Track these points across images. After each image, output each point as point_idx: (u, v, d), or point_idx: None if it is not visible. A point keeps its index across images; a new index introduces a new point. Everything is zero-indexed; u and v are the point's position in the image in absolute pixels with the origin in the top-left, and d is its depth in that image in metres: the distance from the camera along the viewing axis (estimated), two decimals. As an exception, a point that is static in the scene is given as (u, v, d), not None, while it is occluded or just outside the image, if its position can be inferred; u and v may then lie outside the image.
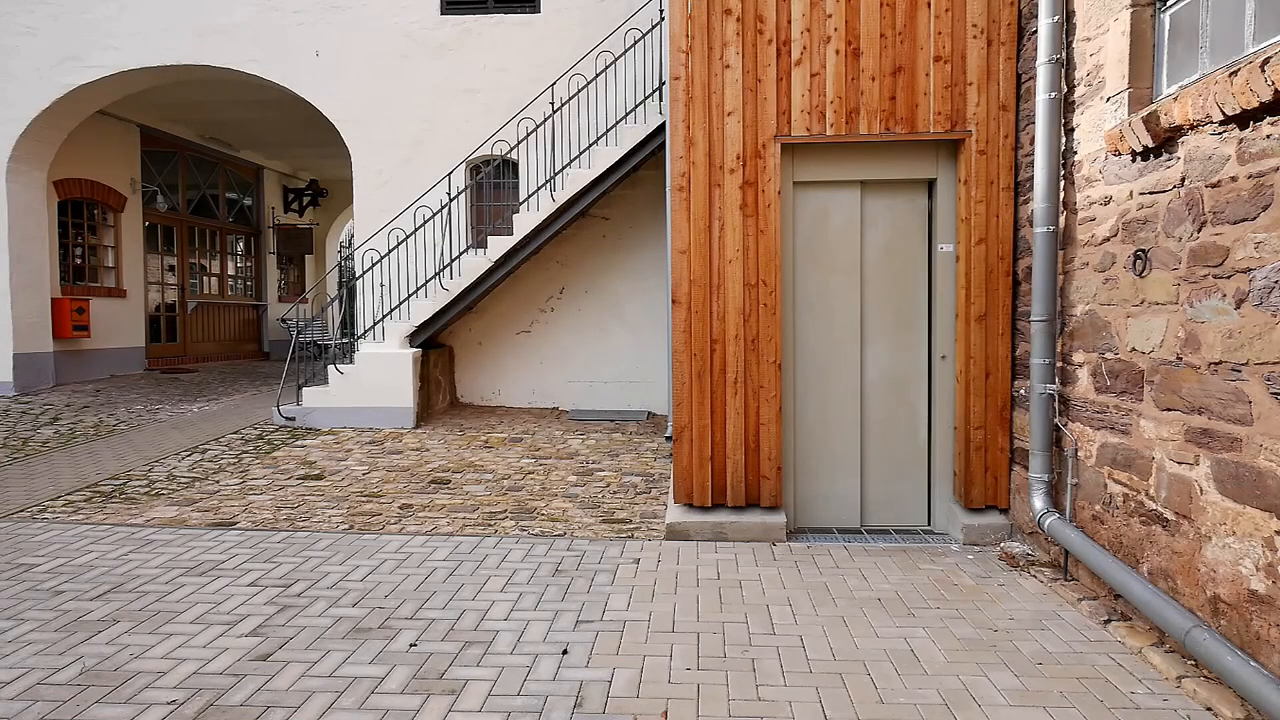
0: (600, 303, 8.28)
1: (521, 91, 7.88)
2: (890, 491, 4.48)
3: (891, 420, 4.45)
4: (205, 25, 8.27)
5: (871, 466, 4.46)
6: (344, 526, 4.53)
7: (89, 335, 9.79)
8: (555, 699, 2.59)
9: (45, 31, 8.39)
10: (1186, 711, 2.52)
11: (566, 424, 7.42)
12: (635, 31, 7.51)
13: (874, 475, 4.47)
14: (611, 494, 5.17)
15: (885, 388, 4.44)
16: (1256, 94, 2.38)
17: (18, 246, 8.55)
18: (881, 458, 4.46)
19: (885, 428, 4.45)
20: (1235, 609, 2.56)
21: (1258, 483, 2.46)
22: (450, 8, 8.17)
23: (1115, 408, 3.29)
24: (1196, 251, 2.79)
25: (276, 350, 14.13)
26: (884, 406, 4.45)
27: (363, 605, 3.38)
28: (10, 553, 4.07)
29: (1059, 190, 3.73)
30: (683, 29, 4.26)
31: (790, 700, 2.59)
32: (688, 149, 4.28)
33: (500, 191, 8.42)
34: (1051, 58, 3.68)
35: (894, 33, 4.17)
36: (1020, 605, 3.39)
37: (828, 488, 4.48)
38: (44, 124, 8.58)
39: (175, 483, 5.48)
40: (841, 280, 4.42)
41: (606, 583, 3.65)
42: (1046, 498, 3.75)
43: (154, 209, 11.54)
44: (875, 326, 4.43)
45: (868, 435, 4.45)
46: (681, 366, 4.34)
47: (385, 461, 6.00)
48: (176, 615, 3.27)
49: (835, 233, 4.42)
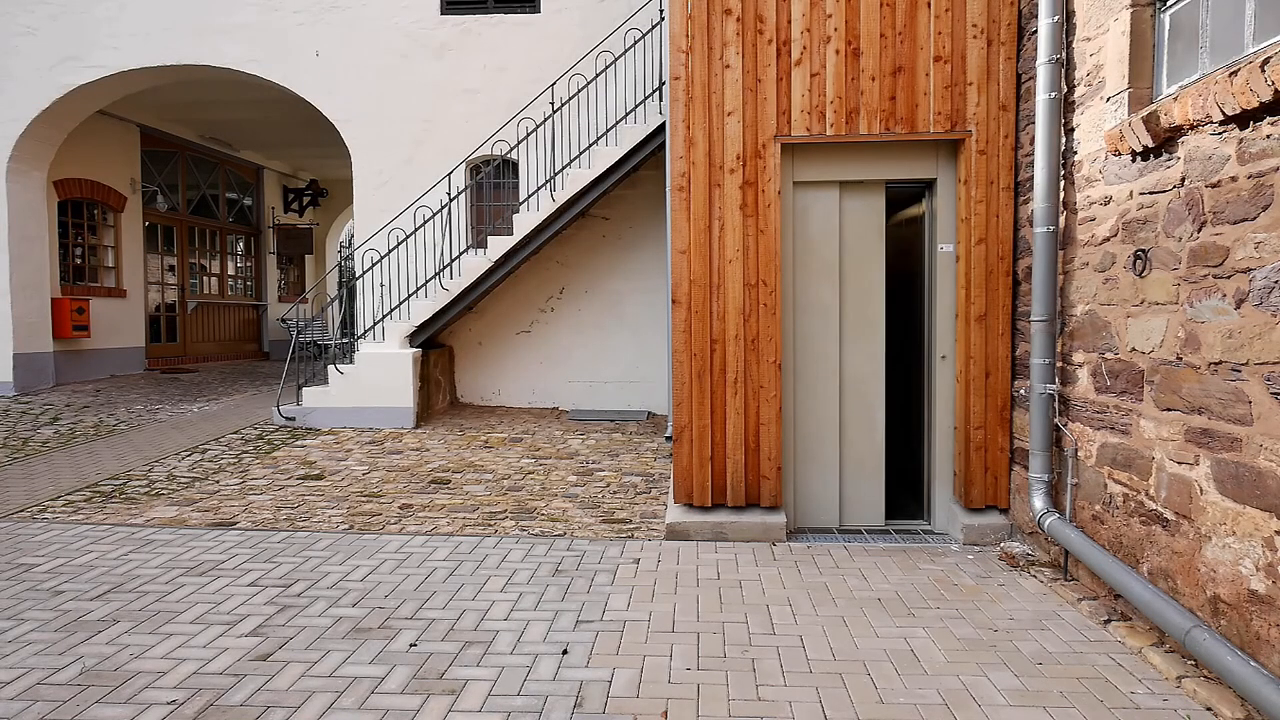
0: (600, 303, 8.29)
1: (521, 91, 7.88)
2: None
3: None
4: (205, 25, 8.27)
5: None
6: (344, 526, 4.53)
7: (89, 335, 9.79)
8: (555, 699, 2.59)
9: (45, 31, 8.39)
10: (1186, 711, 2.52)
11: (566, 424, 7.42)
12: (635, 31, 7.51)
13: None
14: (611, 494, 5.17)
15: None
16: (1256, 94, 2.38)
17: (18, 246, 8.56)
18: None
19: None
20: (1235, 609, 2.56)
21: (1258, 483, 2.46)
22: (450, 8, 8.17)
23: (1115, 408, 3.29)
24: (1196, 251, 2.79)
25: (276, 350, 14.13)
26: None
27: (363, 605, 3.38)
28: (10, 553, 4.07)
29: (1059, 190, 3.73)
30: (683, 29, 4.26)
31: (790, 700, 2.59)
32: (688, 149, 4.28)
33: (500, 191, 8.42)
34: (1051, 58, 3.68)
35: (894, 33, 4.17)
36: (1020, 605, 3.39)
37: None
38: (44, 124, 8.59)
39: (175, 483, 5.48)
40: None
41: (606, 583, 3.65)
42: (1046, 498, 3.75)
43: (154, 209, 11.54)
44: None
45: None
46: (681, 366, 4.34)
47: (385, 461, 6.00)
48: (176, 615, 3.27)
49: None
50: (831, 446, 4.44)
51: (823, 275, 4.40)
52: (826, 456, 4.44)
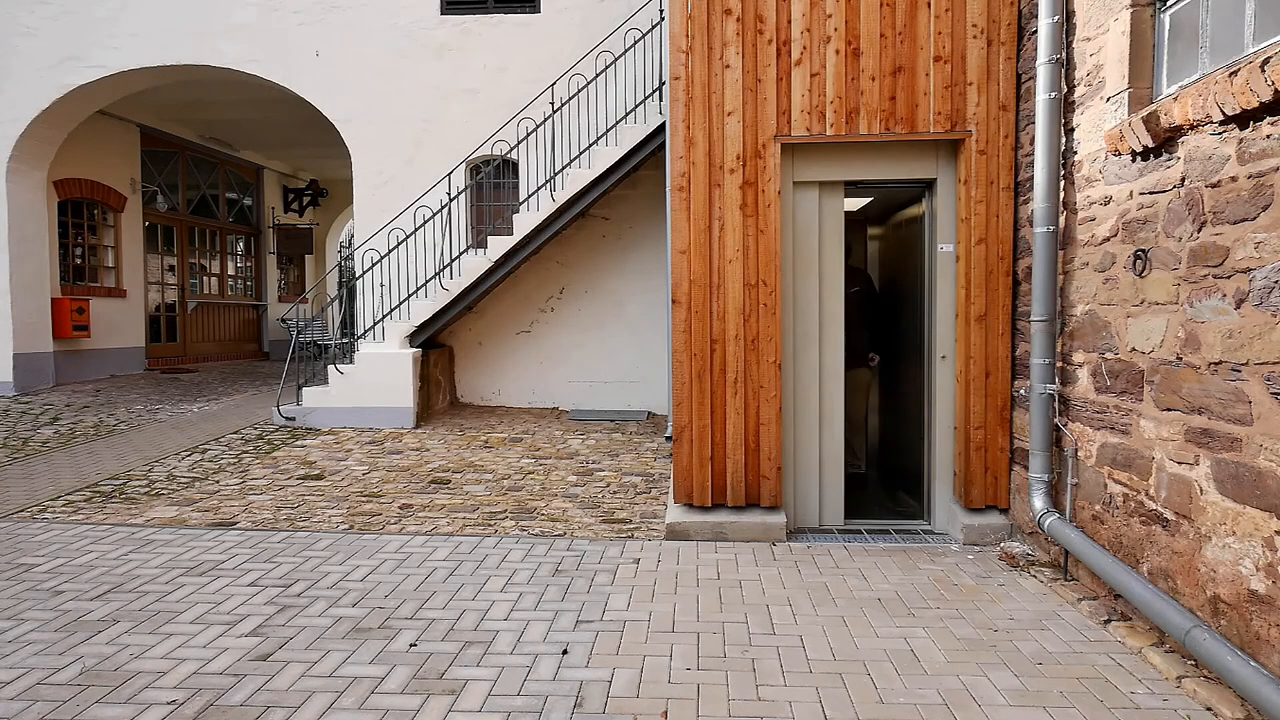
0: (600, 303, 8.28)
1: (521, 91, 7.88)
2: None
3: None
4: (205, 25, 8.27)
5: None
6: (344, 526, 4.53)
7: (89, 335, 9.79)
8: (555, 699, 2.59)
9: (45, 31, 8.39)
10: (1186, 711, 2.52)
11: (566, 424, 7.42)
12: (635, 31, 7.51)
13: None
14: (611, 494, 5.17)
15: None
16: (1256, 94, 2.38)
17: (18, 246, 8.55)
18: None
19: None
20: (1235, 609, 2.56)
21: (1258, 483, 2.46)
22: (450, 8, 8.17)
23: (1115, 408, 3.29)
24: (1196, 251, 2.79)
25: (276, 350, 14.13)
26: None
27: (363, 605, 3.38)
28: (10, 553, 4.07)
29: (1059, 190, 3.73)
30: (683, 29, 4.26)
31: (790, 700, 2.59)
32: (688, 149, 4.28)
33: (500, 191, 8.42)
34: (1051, 58, 3.68)
35: (894, 33, 4.17)
36: (1020, 605, 3.39)
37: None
38: (44, 124, 8.58)
39: (175, 483, 5.48)
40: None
41: (606, 583, 3.65)
42: (1046, 498, 3.75)
43: (154, 209, 11.54)
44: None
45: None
46: (681, 366, 4.34)
47: (385, 461, 6.00)
48: (176, 615, 3.27)
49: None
50: (813, 445, 4.45)
51: (810, 274, 4.41)
52: (809, 456, 4.45)
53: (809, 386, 4.43)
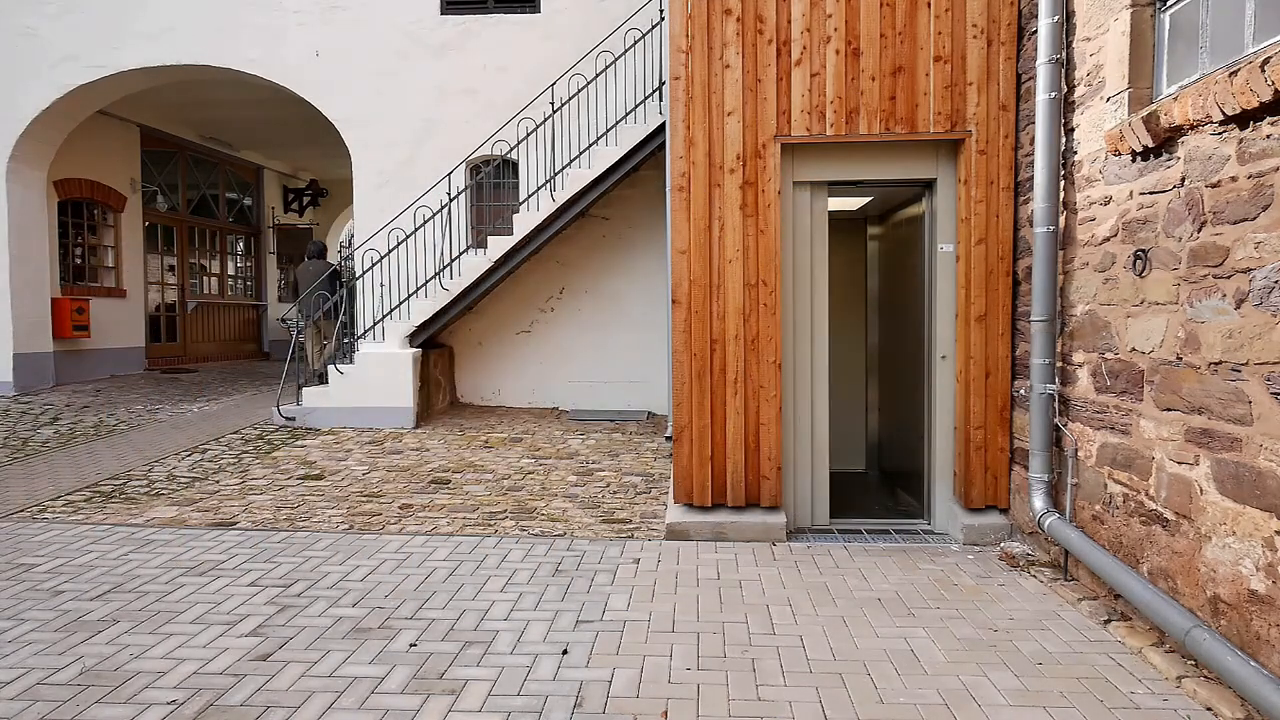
0: (600, 302, 8.28)
1: (521, 91, 7.87)
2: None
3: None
4: (205, 25, 8.27)
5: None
6: (344, 526, 4.53)
7: (89, 335, 9.79)
8: (555, 699, 2.59)
9: (45, 31, 8.39)
10: (1186, 711, 2.52)
11: (566, 424, 7.41)
12: (635, 31, 7.51)
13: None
14: (611, 494, 5.17)
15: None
16: (1256, 94, 2.38)
17: (18, 246, 8.55)
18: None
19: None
20: (1235, 609, 2.56)
21: (1258, 483, 2.46)
22: (450, 8, 8.17)
23: (1115, 408, 3.29)
24: (1196, 251, 2.79)
25: (276, 350, 14.12)
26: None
27: (363, 605, 3.38)
28: (10, 553, 4.07)
29: (1059, 190, 3.73)
30: (683, 29, 4.26)
31: (790, 700, 2.59)
32: (688, 149, 4.28)
33: (500, 191, 8.42)
34: (1051, 58, 3.68)
35: (894, 33, 4.17)
36: (1020, 605, 3.39)
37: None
38: (44, 124, 8.58)
39: (175, 483, 5.48)
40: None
41: (606, 583, 3.65)
42: (1046, 498, 3.75)
43: (154, 209, 11.54)
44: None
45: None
46: (681, 366, 4.34)
47: (385, 461, 6.00)
48: (176, 615, 3.27)
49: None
50: (807, 444, 4.45)
51: (805, 274, 4.41)
52: (809, 456, 4.45)
53: (808, 386, 4.43)
